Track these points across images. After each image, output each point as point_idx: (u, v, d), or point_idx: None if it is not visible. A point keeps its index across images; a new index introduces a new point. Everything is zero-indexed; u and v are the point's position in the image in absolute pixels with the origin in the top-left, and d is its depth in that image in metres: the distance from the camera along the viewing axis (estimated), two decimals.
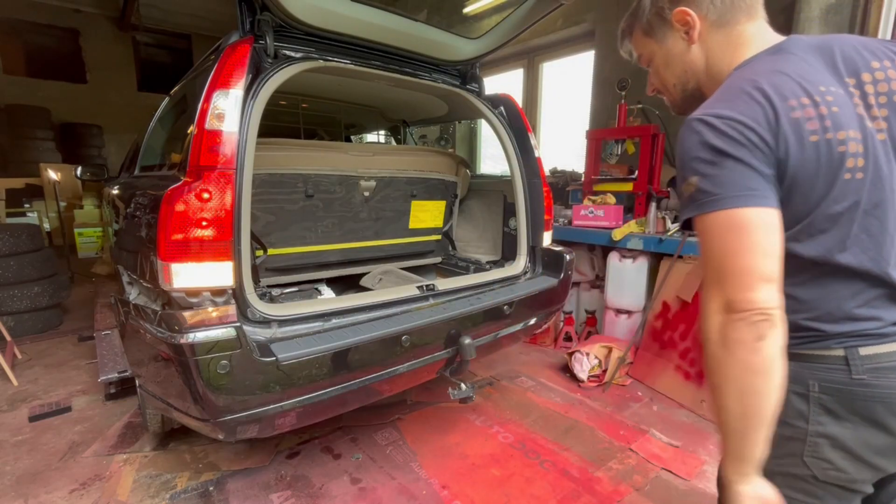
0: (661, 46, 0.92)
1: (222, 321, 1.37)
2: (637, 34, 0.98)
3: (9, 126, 8.34)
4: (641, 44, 0.98)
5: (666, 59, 0.92)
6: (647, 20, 0.92)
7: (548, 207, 2.53)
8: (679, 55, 0.90)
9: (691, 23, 0.85)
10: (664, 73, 0.95)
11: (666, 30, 0.90)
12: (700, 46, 0.87)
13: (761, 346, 0.68)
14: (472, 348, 1.88)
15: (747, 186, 0.70)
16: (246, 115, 1.53)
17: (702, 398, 2.66)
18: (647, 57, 0.98)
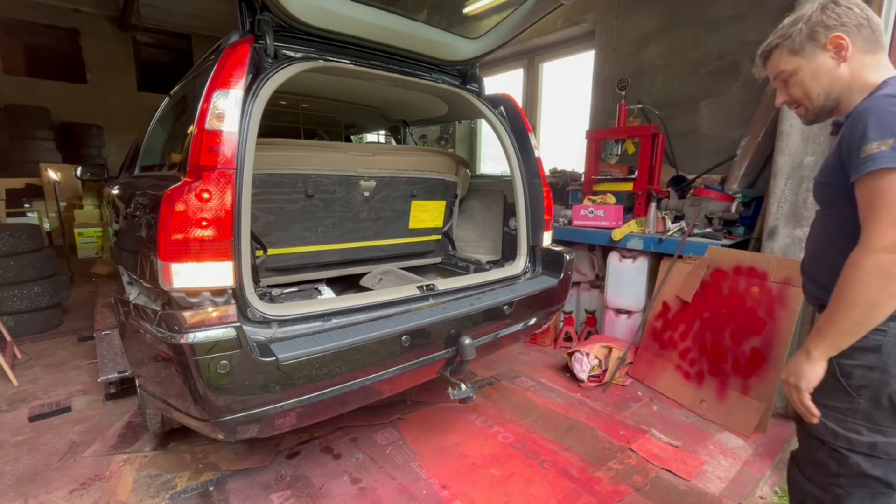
0: (810, 63, 1.11)
1: (222, 321, 1.38)
2: (782, 53, 1.15)
3: (9, 126, 8.34)
4: (786, 61, 1.15)
5: (813, 74, 1.11)
6: (799, 42, 1.11)
7: (548, 207, 2.53)
8: (827, 71, 1.10)
9: (844, 45, 1.06)
10: (810, 84, 1.13)
11: (816, 50, 1.10)
12: (847, 65, 1.08)
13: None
14: (472, 348, 1.88)
15: None
16: (246, 115, 1.53)
17: (701, 398, 2.66)
18: (789, 72, 1.15)
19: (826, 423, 1.08)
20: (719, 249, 2.77)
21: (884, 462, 1.03)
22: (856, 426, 1.04)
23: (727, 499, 1.97)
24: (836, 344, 1.02)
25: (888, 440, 1.02)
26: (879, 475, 1.04)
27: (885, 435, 1.02)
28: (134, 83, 10.15)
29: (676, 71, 3.91)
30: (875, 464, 1.03)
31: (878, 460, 1.03)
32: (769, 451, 2.30)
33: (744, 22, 3.44)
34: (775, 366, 2.42)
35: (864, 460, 1.04)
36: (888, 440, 1.02)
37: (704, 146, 3.74)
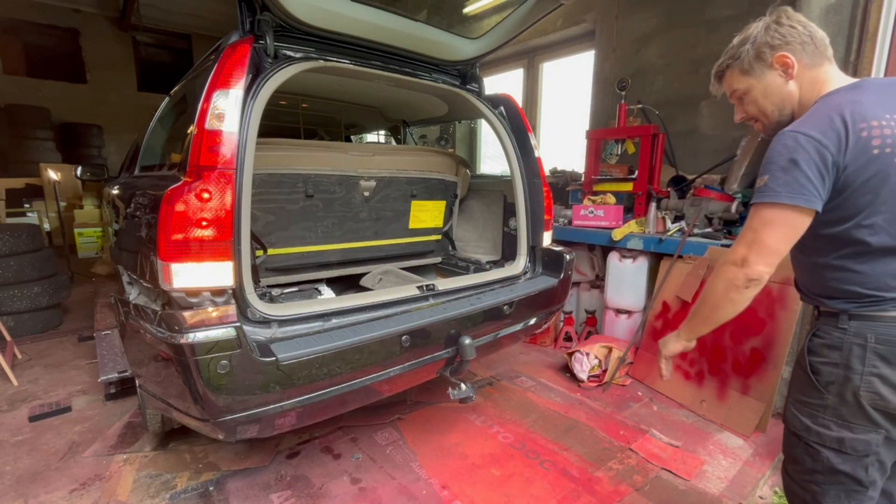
0: (760, 82, 1.17)
1: (222, 321, 1.38)
2: (734, 73, 1.21)
3: (9, 126, 8.34)
4: (738, 81, 1.21)
5: (765, 92, 1.17)
6: (748, 62, 1.17)
7: (548, 207, 2.53)
8: (777, 88, 1.15)
9: (790, 63, 1.11)
10: (763, 102, 1.18)
11: (765, 69, 1.15)
12: (795, 82, 1.13)
13: (745, 292, 1.10)
14: (471, 348, 1.88)
15: (801, 193, 0.98)
16: (246, 115, 1.52)
17: (701, 398, 2.66)
18: (742, 91, 1.21)
19: (800, 418, 1.12)
20: (719, 249, 2.77)
21: (853, 458, 1.05)
22: (826, 421, 1.07)
23: (727, 499, 1.97)
24: (695, 329, 1.28)
25: (855, 436, 1.04)
26: (849, 471, 1.06)
27: (852, 431, 1.04)
28: (134, 83, 10.14)
29: (676, 71, 3.91)
30: (844, 459, 1.06)
31: (847, 456, 1.06)
32: (769, 451, 2.30)
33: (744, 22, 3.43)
34: (775, 366, 2.42)
35: (835, 455, 1.07)
36: (855, 436, 1.04)
37: (704, 146, 3.74)
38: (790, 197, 0.99)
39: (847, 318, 1.05)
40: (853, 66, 2.23)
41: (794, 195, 0.99)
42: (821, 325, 1.12)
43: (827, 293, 1.10)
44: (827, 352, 1.08)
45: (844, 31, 2.25)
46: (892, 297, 1.01)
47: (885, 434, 1.03)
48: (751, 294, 1.10)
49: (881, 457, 1.05)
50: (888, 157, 0.95)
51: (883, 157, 0.95)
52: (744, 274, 1.07)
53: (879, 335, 1.01)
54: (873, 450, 1.04)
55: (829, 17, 2.29)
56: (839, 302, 1.07)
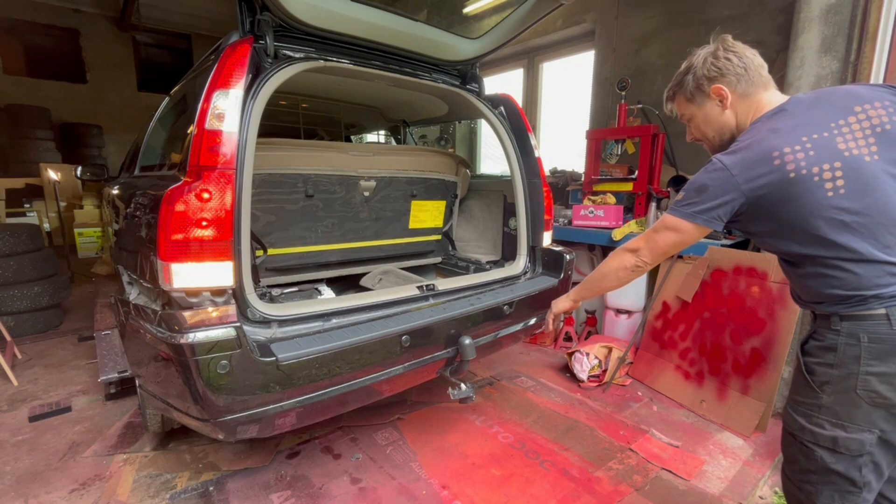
0: (701, 110, 1.27)
1: (222, 321, 1.38)
2: (680, 100, 1.32)
3: (9, 126, 8.34)
4: (684, 107, 1.32)
5: (705, 119, 1.27)
6: (689, 91, 1.26)
7: (548, 207, 2.53)
8: (716, 117, 1.25)
9: (724, 95, 1.20)
10: (704, 128, 1.30)
11: (704, 98, 1.24)
12: (731, 110, 1.22)
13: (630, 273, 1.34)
14: (471, 348, 1.88)
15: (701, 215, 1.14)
16: (246, 115, 1.52)
17: (701, 398, 2.66)
18: (688, 116, 1.33)
19: (795, 418, 1.14)
20: (719, 249, 2.77)
21: (846, 458, 1.06)
22: (820, 421, 1.09)
23: (727, 499, 1.97)
24: (581, 293, 1.53)
25: (849, 436, 1.05)
26: (842, 471, 1.07)
27: (846, 431, 1.05)
28: (134, 83, 10.15)
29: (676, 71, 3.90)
30: (838, 459, 1.07)
31: (840, 455, 1.07)
32: (769, 451, 2.30)
33: (744, 22, 3.45)
34: (775, 366, 2.42)
35: (828, 455, 1.08)
36: (849, 436, 1.05)
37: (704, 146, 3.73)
38: (692, 217, 1.15)
39: (839, 319, 1.07)
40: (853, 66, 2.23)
41: (696, 216, 1.14)
42: (817, 328, 1.14)
43: (815, 298, 1.13)
44: (822, 353, 1.10)
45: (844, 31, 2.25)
46: (874, 295, 1.02)
47: (880, 434, 1.04)
48: (632, 277, 1.35)
49: (875, 458, 1.05)
50: (805, 177, 1.03)
51: (800, 178, 1.03)
52: (633, 260, 1.31)
53: (871, 334, 1.03)
54: (867, 450, 1.04)
55: (829, 17, 2.29)
56: (827, 305, 1.09)
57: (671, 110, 1.39)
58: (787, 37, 2.52)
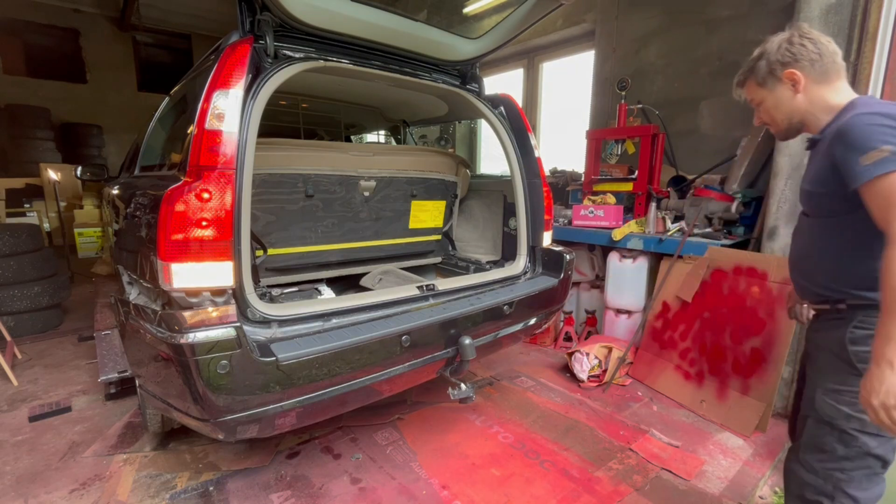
0: (772, 94, 1.28)
1: (222, 321, 1.37)
2: (751, 84, 1.33)
3: (9, 126, 8.34)
4: (754, 91, 1.33)
5: (776, 104, 1.29)
6: (762, 76, 1.28)
7: (548, 207, 2.53)
8: (787, 101, 1.26)
9: (798, 79, 1.22)
10: (774, 112, 1.31)
11: (776, 83, 1.26)
12: (803, 94, 1.23)
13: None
14: (471, 348, 1.88)
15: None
16: (246, 115, 1.52)
17: (701, 398, 2.66)
18: (758, 100, 1.33)
19: (839, 408, 1.17)
20: (719, 249, 2.77)
21: (885, 441, 1.14)
22: None
23: (727, 499, 1.97)
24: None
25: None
26: (881, 454, 1.14)
27: None
28: (134, 83, 10.15)
29: (676, 71, 3.91)
30: (881, 443, 1.14)
31: (882, 439, 1.13)
32: (769, 451, 2.30)
33: (744, 22, 3.45)
34: (775, 366, 2.42)
35: (872, 440, 1.13)
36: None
37: (704, 146, 3.74)
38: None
39: None
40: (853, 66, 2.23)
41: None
42: (862, 317, 1.15)
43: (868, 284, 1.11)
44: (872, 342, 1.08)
45: (844, 31, 2.25)
46: None
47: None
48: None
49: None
50: None
51: None
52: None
53: None
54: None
55: (829, 17, 2.29)
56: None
57: (740, 96, 1.39)
58: None
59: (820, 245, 1.22)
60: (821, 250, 1.23)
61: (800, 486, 1.26)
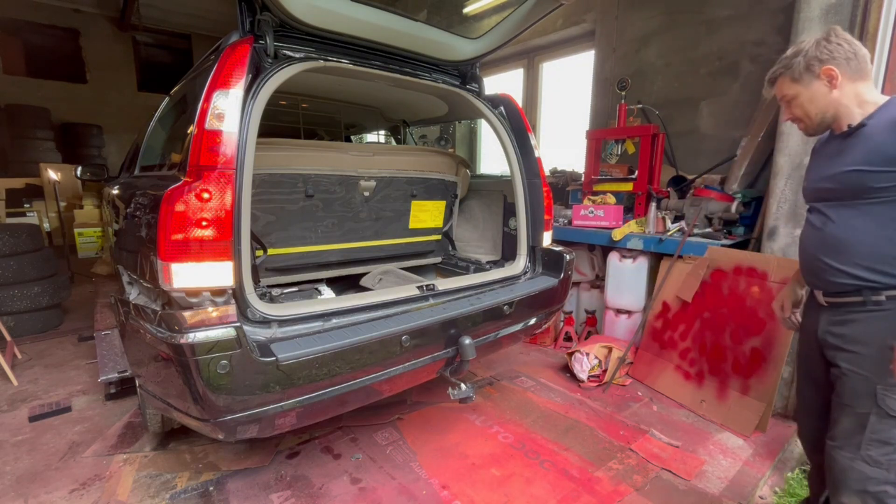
0: (808, 89, 1.35)
1: (222, 321, 1.37)
2: (785, 80, 1.39)
3: (9, 126, 8.34)
4: (788, 87, 1.39)
5: (811, 98, 1.35)
6: (798, 72, 1.34)
7: (548, 207, 2.53)
8: (823, 96, 1.33)
9: (835, 75, 1.30)
10: (809, 106, 1.37)
11: (812, 79, 1.33)
12: (839, 91, 1.31)
13: None
14: (471, 348, 1.88)
15: None
16: (246, 115, 1.52)
17: (701, 398, 2.66)
18: (791, 96, 1.39)
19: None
20: (719, 249, 2.77)
21: None
22: None
23: (727, 499, 1.97)
24: None
25: None
26: None
27: None
28: (134, 83, 10.15)
29: (676, 71, 3.91)
30: None
31: None
32: (769, 451, 2.30)
33: (744, 22, 3.45)
34: (775, 366, 2.42)
35: None
36: None
37: (704, 146, 3.74)
38: None
39: None
40: None
41: None
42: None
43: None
44: None
45: None
46: None
47: None
48: None
49: None
50: None
51: None
52: None
53: None
54: None
55: (829, 17, 2.29)
56: None
57: (769, 92, 1.46)
58: (787, 37, 2.52)
59: (862, 230, 1.28)
60: (861, 235, 1.28)
61: (862, 482, 1.30)
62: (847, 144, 1.33)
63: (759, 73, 3.35)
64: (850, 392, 1.33)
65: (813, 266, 1.42)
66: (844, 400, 1.35)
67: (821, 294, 1.44)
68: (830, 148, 1.39)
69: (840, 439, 1.35)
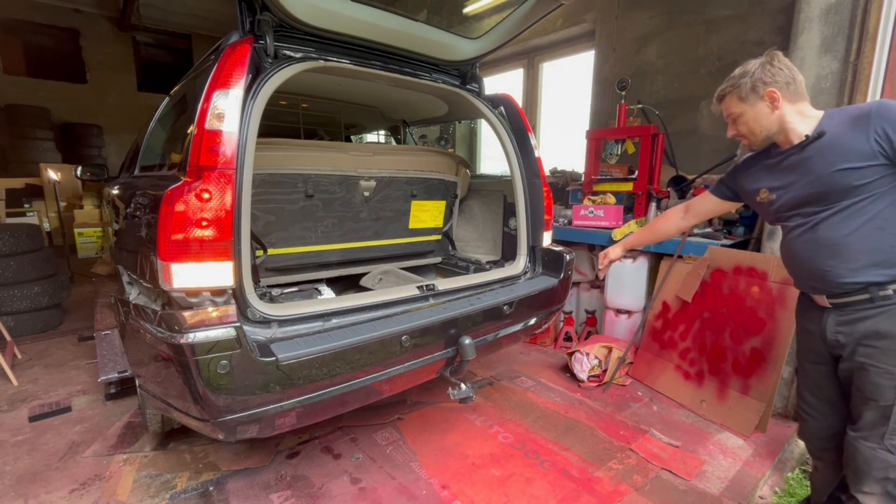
0: (752, 109, 1.47)
1: (222, 321, 1.37)
2: (732, 98, 1.50)
3: (9, 126, 8.34)
4: (735, 105, 1.50)
5: (755, 117, 1.47)
6: (745, 92, 1.45)
7: (548, 207, 2.53)
8: (765, 116, 1.45)
9: (777, 97, 1.41)
10: (753, 124, 1.49)
11: (757, 100, 1.45)
12: (779, 111, 1.43)
13: None
14: (471, 348, 1.88)
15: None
16: (246, 115, 1.52)
17: (701, 398, 2.66)
18: (737, 114, 1.51)
19: None
20: (719, 249, 2.77)
21: None
22: None
23: (727, 499, 1.97)
24: None
25: None
26: None
27: None
28: (134, 83, 10.15)
29: (676, 71, 3.91)
30: None
31: None
32: (769, 451, 2.30)
33: (744, 22, 3.45)
34: (775, 366, 2.42)
35: None
36: None
37: (704, 146, 3.74)
38: None
39: None
40: (853, 66, 2.23)
41: None
42: None
43: None
44: None
45: (844, 31, 2.25)
46: None
47: None
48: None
49: None
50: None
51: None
52: None
53: None
54: None
55: (829, 17, 2.29)
56: None
57: (717, 109, 1.58)
58: (787, 37, 2.51)
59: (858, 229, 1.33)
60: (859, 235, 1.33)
61: (884, 469, 1.37)
62: (810, 153, 1.40)
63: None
64: (871, 386, 1.37)
65: (814, 273, 1.45)
66: (866, 394, 1.39)
67: (823, 297, 1.46)
68: (790, 160, 1.46)
69: (863, 430, 1.40)
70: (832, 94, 2.31)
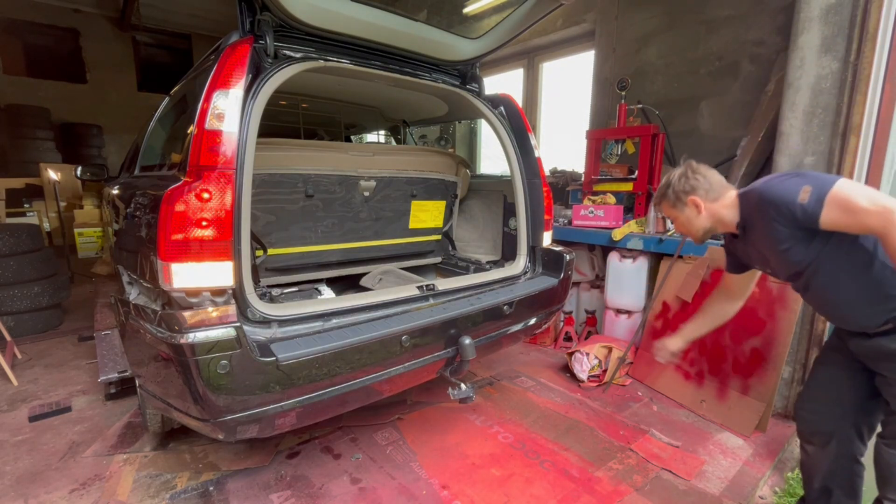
0: (683, 214, 1.63)
1: (222, 321, 1.37)
2: (666, 205, 1.67)
3: (9, 126, 8.34)
4: (669, 211, 1.67)
5: (688, 221, 1.63)
6: (672, 201, 1.63)
7: (548, 207, 2.53)
8: (695, 219, 1.61)
9: (698, 203, 1.58)
10: (687, 227, 1.65)
11: (683, 207, 1.62)
12: (706, 212, 1.59)
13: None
14: (471, 348, 1.88)
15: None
16: (246, 115, 1.52)
17: (701, 398, 2.66)
18: (673, 217, 1.68)
19: None
20: (719, 249, 2.76)
21: None
22: None
23: (727, 499, 1.97)
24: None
25: None
26: None
27: None
28: (134, 83, 10.15)
29: (676, 71, 3.91)
30: None
31: None
32: (769, 451, 2.30)
33: (744, 22, 3.44)
34: (775, 366, 2.42)
35: None
36: None
37: (704, 146, 3.74)
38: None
39: None
40: (853, 66, 2.23)
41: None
42: None
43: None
44: None
45: (844, 31, 2.25)
46: None
47: None
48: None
49: None
50: None
51: None
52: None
53: None
54: None
55: (829, 17, 2.29)
56: None
57: (659, 210, 1.74)
58: (787, 37, 2.51)
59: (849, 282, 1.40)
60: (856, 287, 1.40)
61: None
62: (752, 239, 1.54)
63: (759, 74, 3.35)
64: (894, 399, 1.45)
65: (835, 320, 1.56)
66: (892, 406, 1.46)
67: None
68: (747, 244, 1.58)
69: (888, 438, 1.49)
70: (832, 95, 2.31)
